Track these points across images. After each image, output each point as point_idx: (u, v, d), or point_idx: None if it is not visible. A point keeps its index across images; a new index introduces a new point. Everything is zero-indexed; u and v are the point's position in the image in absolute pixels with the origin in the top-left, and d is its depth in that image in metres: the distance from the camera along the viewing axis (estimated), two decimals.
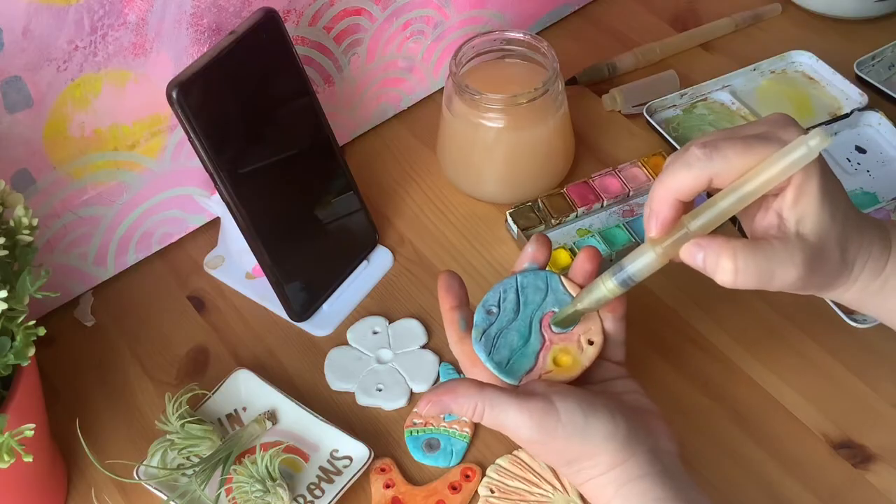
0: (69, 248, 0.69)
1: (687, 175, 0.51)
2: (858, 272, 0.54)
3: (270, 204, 0.68)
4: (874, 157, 0.78)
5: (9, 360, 0.51)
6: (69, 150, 0.65)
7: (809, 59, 0.84)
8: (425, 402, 0.53)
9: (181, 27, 0.65)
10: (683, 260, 0.52)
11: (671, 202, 0.52)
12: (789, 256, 0.50)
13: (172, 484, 0.60)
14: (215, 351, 0.70)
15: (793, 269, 0.50)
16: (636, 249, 0.53)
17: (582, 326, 0.57)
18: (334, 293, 0.71)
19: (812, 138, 0.48)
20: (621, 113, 0.83)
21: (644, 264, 0.53)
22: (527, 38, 0.74)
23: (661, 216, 0.52)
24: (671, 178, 0.52)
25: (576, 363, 0.56)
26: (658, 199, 0.52)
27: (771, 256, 0.50)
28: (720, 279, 0.50)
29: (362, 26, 0.76)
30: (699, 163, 0.51)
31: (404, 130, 0.83)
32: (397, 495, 0.61)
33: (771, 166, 0.49)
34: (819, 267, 0.51)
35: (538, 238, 0.59)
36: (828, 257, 0.52)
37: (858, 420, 0.63)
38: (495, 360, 0.56)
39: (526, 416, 0.51)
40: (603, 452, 0.52)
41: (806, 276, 0.51)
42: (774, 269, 0.50)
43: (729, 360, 0.67)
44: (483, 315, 0.57)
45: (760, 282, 0.50)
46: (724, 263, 0.50)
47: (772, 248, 0.51)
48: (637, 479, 0.52)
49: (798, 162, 0.48)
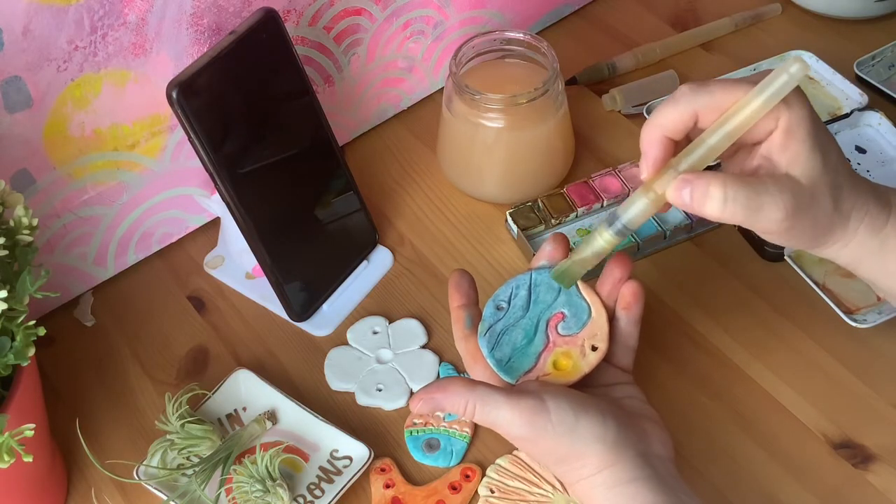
0: (69, 248, 0.69)
1: (673, 110, 0.51)
2: (856, 226, 0.53)
3: (270, 204, 0.68)
4: (874, 157, 0.78)
5: (9, 360, 0.51)
6: (69, 150, 0.65)
7: (809, 59, 0.84)
8: (417, 399, 0.54)
9: (181, 27, 0.65)
10: (671, 200, 0.51)
11: (660, 140, 0.52)
12: (779, 191, 0.50)
13: (172, 484, 0.60)
14: (215, 351, 0.70)
15: (781, 204, 0.50)
16: (629, 198, 0.53)
17: (588, 331, 0.57)
18: (334, 293, 0.71)
19: (792, 65, 0.48)
20: (621, 113, 0.83)
21: (638, 211, 0.53)
22: (527, 38, 0.74)
23: (651, 155, 0.52)
24: (658, 114, 0.52)
25: (576, 368, 0.56)
26: (647, 138, 0.52)
27: (760, 190, 0.50)
28: (709, 208, 0.50)
29: (362, 26, 0.76)
30: (684, 98, 0.51)
31: (404, 130, 0.83)
32: (397, 495, 0.61)
33: (755, 97, 0.49)
34: (810, 211, 0.51)
35: (556, 237, 0.60)
36: (819, 203, 0.51)
37: (858, 420, 0.63)
38: (496, 357, 0.56)
39: (517, 414, 0.52)
40: (591, 454, 0.52)
41: (795, 216, 0.50)
42: (763, 201, 0.50)
43: (729, 360, 0.67)
44: (492, 310, 0.57)
45: (748, 213, 0.50)
46: (714, 191, 0.50)
47: (762, 182, 0.50)
48: (626, 482, 0.52)
49: (780, 90, 0.49)
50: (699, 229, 0.74)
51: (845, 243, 0.54)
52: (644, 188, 0.53)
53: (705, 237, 0.74)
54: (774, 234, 0.52)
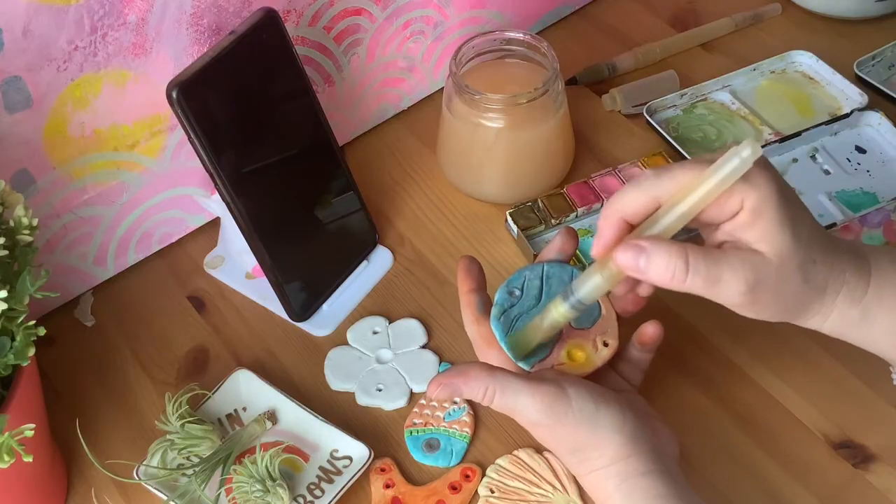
0: (69, 248, 0.69)
1: (634, 194, 0.50)
2: (832, 298, 0.52)
3: (270, 204, 0.68)
4: (874, 157, 0.78)
5: (9, 360, 0.51)
6: (69, 150, 0.65)
7: (809, 59, 0.84)
8: (436, 384, 0.53)
9: (181, 27, 0.65)
10: (622, 264, 0.50)
11: (616, 222, 0.51)
12: (740, 265, 0.49)
13: (172, 484, 0.60)
14: (215, 351, 0.70)
15: (742, 277, 0.49)
16: (584, 272, 0.53)
17: (599, 327, 0.57)
18: (334, 293, 0.71)
19: (744, 149, 0.47)
20: (621, 113, 0.83)
21: (592, 287, 0.53)
22: (527, 38, 0.74)
23: (604, 236, 0.52)
24: (619, 197, 0.51)
25: (589, 361, 0.57)
26: (604, 218, 0.52)
27: (721, 261, 0.49)
28: (675, 279, 0.49)
29: (362, 26, 0.76)
30: (647, 182, 0.50)
31: (404, 130, 0.83)
32: (397, 495, 0.61)
33: (707, 179, 0.48)
34: (774, 286, 0.50)
35: (566, 231, 0.60)
36: (787, 280, 0.50)
37: (858, 420, 0.63)
38: (510, 343, 0.56)
39: (537, 399, 0.52)
40: (609, 444, 0.52)
41: (756, 290, 0.49)
42: (723, 272, 0.49)
43: (729, 361, 0.67)
44: (505, 295, 0.57)
45: (707, 285, 0.49)
46: (677, 261, 0.49)
47: (724, 254, 0.49)
48: (640, 475, 0.52)
49: (733, 173, 0.47)
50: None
51: (825, 316, 0.52)
52: (599, 264, 0.52)
53: None
54: (738, 307, 0.51)
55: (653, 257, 0.49)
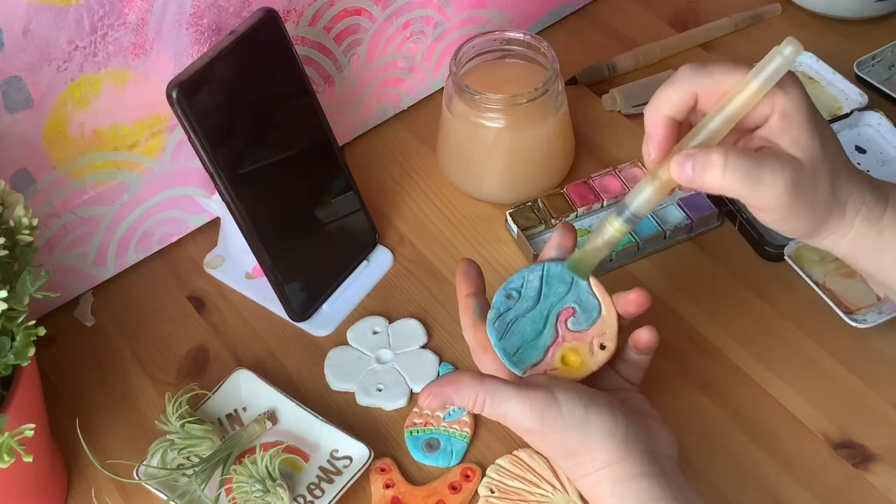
0: (69, 248, 0.69)
1: (673, 91, 0.52)
2: (852, 216, 0.53)
3: (270, 204, 0.68)
4: (874, 157, 0.78)
5: (9, 360, 0.51)
6: (69, 150, 0.65)
7: (809, 59, 0.84)
8: (427, 393, 0.54)
9: (181, 27, 0.65)
10: (674, 175, 0.51)
11: (663, 120, 0.52)
12: (780, 166, 0.50)
13: (172, 484, 0.60)
14: (215, 351, 0.70)
15: (781, 178, 0.50)
16: (636, 186, 0.54)
17: (597, 329, 0.57)
18: (334, 293, 0.71)
19: (786, 47, 0.49)
20: (621, 113, 0.83)
21: (645, 198, 0.53)
22: (527, 38, 0.74)
23: (656, 136, 0.53)
24: (659, 96, 0.53)
25: (584, 365, 0.56)
26: (650, 120, 0.53)
27: (761, 161, 0.50)
28: (708, 177, 0.50)
29: (362, 26, 0.76)
30: (684, 78, 0.52)
31: (404, 130, 0.83)
32: (397, 495, 0.61)
33: (751, 80, 0.49)
34: (808, 192, 0.51)
35: (564, 226, 0.60)
36: (818, 186, 0.51)
37: (858, 420, 0.63)
38: (504, 347, 0.56)
39: (527, 406, 0.52)
40: (601, 448, 0.52)
41: (794, 192, 0.50)
42: (763, 172, 0.50)
43: (729, 361, 0.67)
44: (503, 298, 0.57)
45: (747, 184, 0.50)
46: (715, 159, 0.50)
47: (763, 156, 0.51)
48: (634, 477, 0.52)
49: (776, 72, 0.49)
50: (699, 229, 0.74)
51: (843, 234, 0.54)
52: (650, 175, 0.53)
53: (705, 237, 0.74)
54: (772, 212, 0.52)
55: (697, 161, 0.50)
